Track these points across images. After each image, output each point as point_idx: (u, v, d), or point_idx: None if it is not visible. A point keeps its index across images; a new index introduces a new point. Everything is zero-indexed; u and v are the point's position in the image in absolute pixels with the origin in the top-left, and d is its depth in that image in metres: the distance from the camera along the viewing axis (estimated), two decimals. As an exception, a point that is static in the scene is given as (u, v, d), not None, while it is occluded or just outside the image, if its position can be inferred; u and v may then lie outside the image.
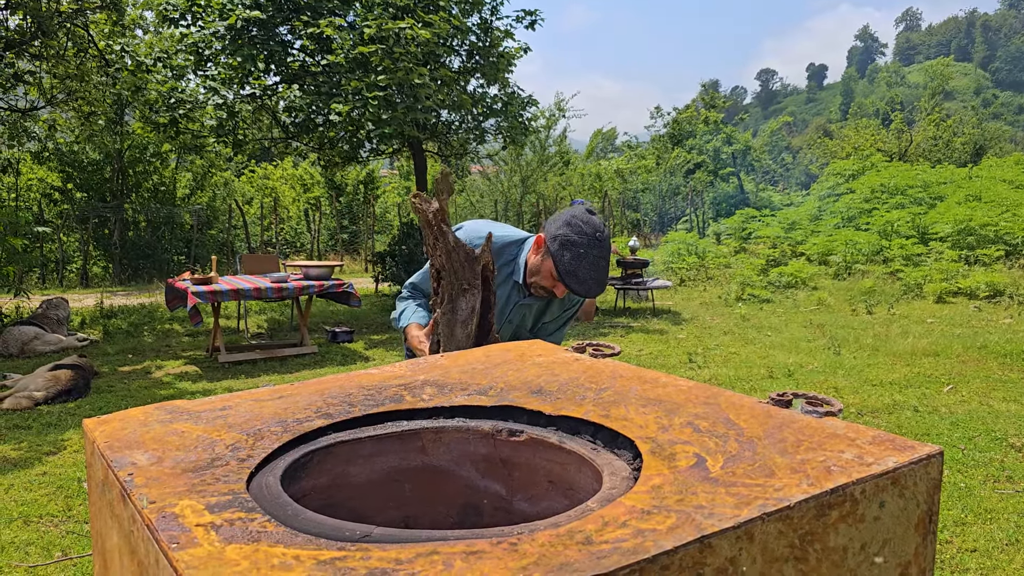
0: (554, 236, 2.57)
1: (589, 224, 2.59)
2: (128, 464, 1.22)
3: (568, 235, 2.57)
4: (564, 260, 2.54)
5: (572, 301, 2.94)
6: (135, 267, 19.17)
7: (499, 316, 2.88)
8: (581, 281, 2.55)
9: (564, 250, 2.54)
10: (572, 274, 2.54)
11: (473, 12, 13.18)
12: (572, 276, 2.54)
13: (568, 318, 2.97)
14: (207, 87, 12.31)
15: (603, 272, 2.60)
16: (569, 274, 2.54)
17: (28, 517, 4.26)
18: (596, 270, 2.57)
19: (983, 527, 3.85)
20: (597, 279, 2.57)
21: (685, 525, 0.94)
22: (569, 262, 2.54)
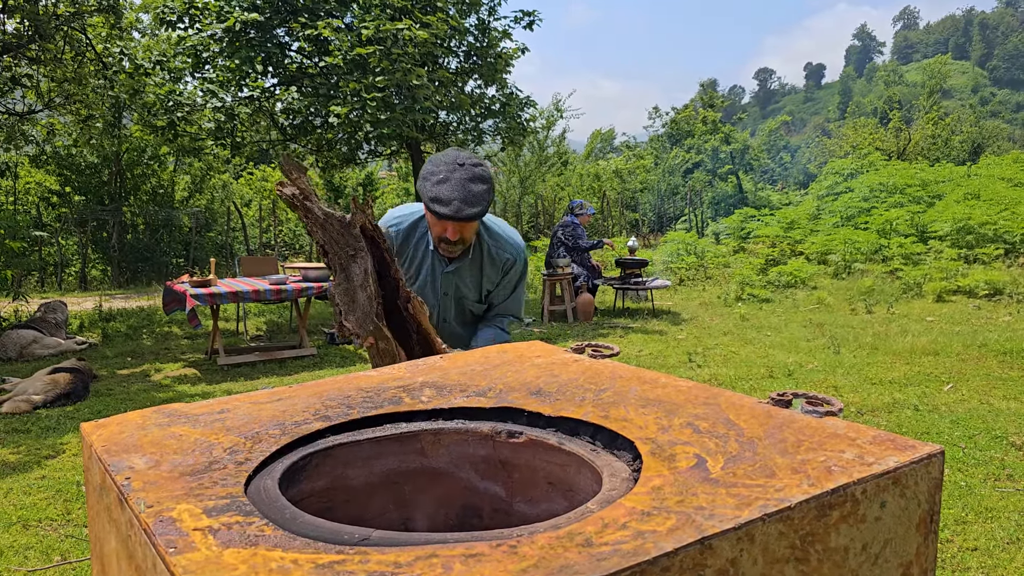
0: (420, 180, 2.62)
1: (447, 155, 2.65)
2: (125, 468, 1.22)
3: (426, 170, 2.62)
4: (427, 190, 2.58)
5: (502, 259, 2.89)
6: (134, 270, 19.17)
7: (432, 290, 2.88)
8: (445, 202, 2.54)
9: (425, 182, 2.58)
10: (436, 200, 2.55)
11: (471, 13, 13.19)
12: (436, 202, 2.55)
13: (515, 282, 2.95)
14: (205, 90, 12.32)
15: (470, 192, 2.57)
16: (433, 200, 2.55)
17: (27, 521, 4.25)
18: (461, 190, 2.56)
19: (984, 526, 3.85)
20: (462, 198, 2.55)
21: (685, 526, 0.94)
22: (431, 189, 2.57)
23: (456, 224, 2.61)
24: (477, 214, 2.59)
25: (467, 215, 2.56)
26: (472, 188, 2.58)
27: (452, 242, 2.68)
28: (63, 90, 11.93)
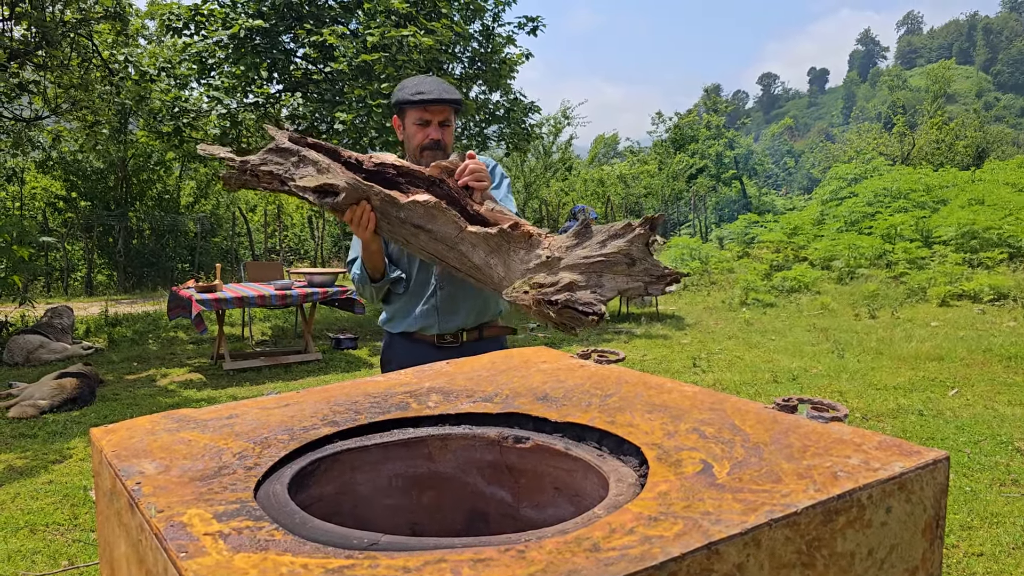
0: (394, 95, 2.80)
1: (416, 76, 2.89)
2: (136, 473, 1.23)
3: (399, 86, 2.83)
4: (405, 91, 2.74)
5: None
6: (139, 275, 19.21)
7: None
8: (425, 91, 2.70)
9: (401, 91, 2.76)
10: (416, 92, 2.71)
11: (475, 19, 13.21)
12: (417, 93, 2.70)
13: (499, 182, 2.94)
14: (210, 96, 12.35)
15: (447, 84, 2.78)
16: (415, 93, 2.70)
17: (34, 526, 4.26)
18: (437, 83, 2.75)
19: (989, 531, 3.84)
20: (441, 88, 2.73)
21: (692, 532, 0.95)
22: (408, 87, 2.75)
23: (437, 121, 2.73)
24: (458, 100, 2.75)
25: (448, 98, 2.71)
26: (446, 84, 2.78)
27: (435, 146, 2.73)
28: (70, 96, 11.97)
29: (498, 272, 2.11)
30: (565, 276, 1.92)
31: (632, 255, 1.89)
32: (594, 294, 1.90)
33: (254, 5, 11.86)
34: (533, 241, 2.03)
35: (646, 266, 1.91)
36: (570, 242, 1.97)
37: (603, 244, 1.92)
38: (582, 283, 1.90)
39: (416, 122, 2.73)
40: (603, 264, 1.90)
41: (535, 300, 1.91)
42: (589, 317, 1.86)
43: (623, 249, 1.90)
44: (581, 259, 1.91)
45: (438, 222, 2.15)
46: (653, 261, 1.93)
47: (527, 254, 2.03)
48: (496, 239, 2.06)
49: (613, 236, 1.92)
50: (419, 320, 2.83)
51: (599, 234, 1.95)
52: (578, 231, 1.98)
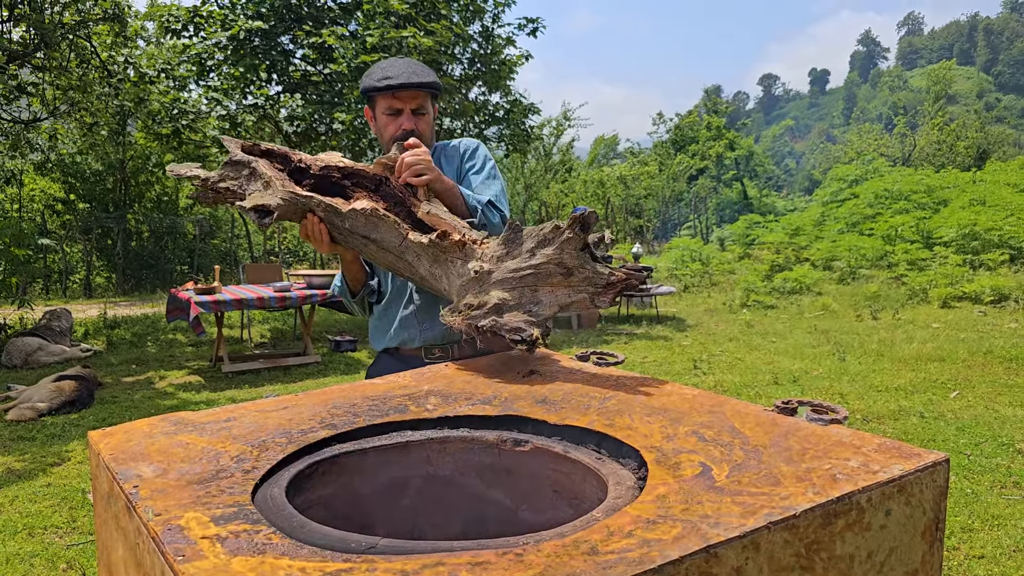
0: (362, 81, 2.52)
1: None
2: (133, 476, 1.23)
3: (367, 71, 2.54)
4: (372, 77, 2.47)
5: (460, 149, 2.66)
6: (138, 277, 19.21)
7: None
8: (393, 76, 2.43)
9: (368, 77, 2.48)
10: (383, 77, 2.43)
11: (475, 20, 13.21)
12: (384, 79, 2.43)
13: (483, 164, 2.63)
14: (209, 97, 12.35)
15: (418, 66, 2.49)
16: (381, 80, 2.43)
17: (33, 529, 4.26)
18: (407, 66, 2.48)
19: (990, 533, 3.84)
20: (411, 70, 2.45)
21: (691, 535, 0.94)
22: (375, 73, 2.48)
23: (409, 109, 2.46)
24: (430, 83, 2.45)
25: (419, 81, 2.42)
26: (418, 66, 2.50)
27: (408, 137, 2.39)
28: (68, 98, 11.98)
29: (444, 284, 1.93)
30: (494, 295, 1.72)
31: (566, 263, 1.65)
32: (528, 314, 1.68)
33: (253, 6, 11.87)
34: (467, 251, 1.83)
35: (586, 274, 1.66)
36: (500, 251, 1.76)
37: (532, 253, 1.69)
38: (512, 302, 1.70)
39: (386, 111, 2.47)
40: (535, 277, 1.68)
41: (466, 324, 1.74)
42: (518, 345, 1.66)
43: (554, 257, 1.67)
44: (510, 272, 1.70)
45: (380, 230, 2.00)
46: (595, 268, 1.67)
47: (462, 266, 1.84)
48: (432, 249, 1.89)
49: (542, 243, 1.69)
50: (399, 332, 2.56)
51: (529, 240, 1.73)
52: (507, 237, 1.75)
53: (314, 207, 2.04)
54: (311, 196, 2.04)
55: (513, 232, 1.74)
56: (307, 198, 2.04)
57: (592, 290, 1.65)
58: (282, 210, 2.02)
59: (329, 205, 2.03)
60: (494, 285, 1.71)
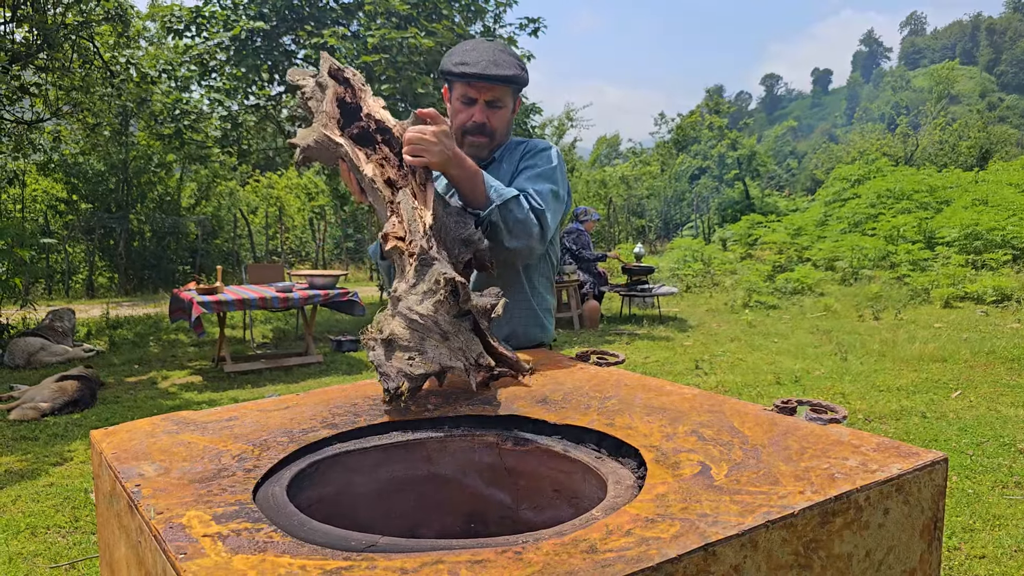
0: (443, 61, 2.36)
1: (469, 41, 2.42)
2: (135, 475, 1.23)
3: (451, 50, 2.37)
4: (451, 60, 2.31)
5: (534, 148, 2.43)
6: (140, 277, 19.23)
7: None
8: (471, 63, 2.26)
9: (449, 58, 2.32)
10: (461, 63, 2.27)
11: (476, 20, 13.23)
12: (461, 64, 2.27)
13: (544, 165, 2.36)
14: (211, 98, 12.37)
15: (499, 56, 2.30)
16: (459, 64, 2.27)
17: (35, 528, 4.27)
18: (489, 54, 2.29)
19: (992, 533, 3.84)
20: (491, 59, 2.27)
21: (689, 533, 0.95)
22: (456, 55, 2.31)
23: (483, 100, 2.29)
24: (509, 78, 2.26)
25: (495, 74, 2.24)
26: (500, 55, 2.30)
27: (479, 130, 2.31)
28: (71, 98, 12.00)
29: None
30: (392, 326, 1.55)
31: (440, 326, 1.50)
32: (409, 362, 1.50)
33: (255, 7, 11.88)
34: (403, 263, 1.68)
35: (461, 346, 1.50)
36: (413, 280, 1.60)
37: (422, 298, 1.54)
38: (403, 342, 1.52)
39: (460, 99, 2.31)
40: (421, 326, 1.52)
41: (364, 343, 1.61)
42: (384, 392, 1.52)
43: (429, 314, 1.51)
44: (408, 309, 1.54)
45: (376, 199, 1.89)
46: (469, 340, 1.51)
47: (398, 278, 1.69)
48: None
49: (429, 293, 1.54)
50: None
51: (426, 282, 1.56)
52: (417, 269, 1.58)
53: (342, 155, 1.96)
54: (340, 143, 1.94)
55: (421, 265, 1.58)
56: (336, 145, 1.95)
57: (465, 363, 1.50)
58: (312, 152, 1.96)
59: (352, 158, 1.93)
60: (398, 315, 1.56)
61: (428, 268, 1.58)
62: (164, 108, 12.69)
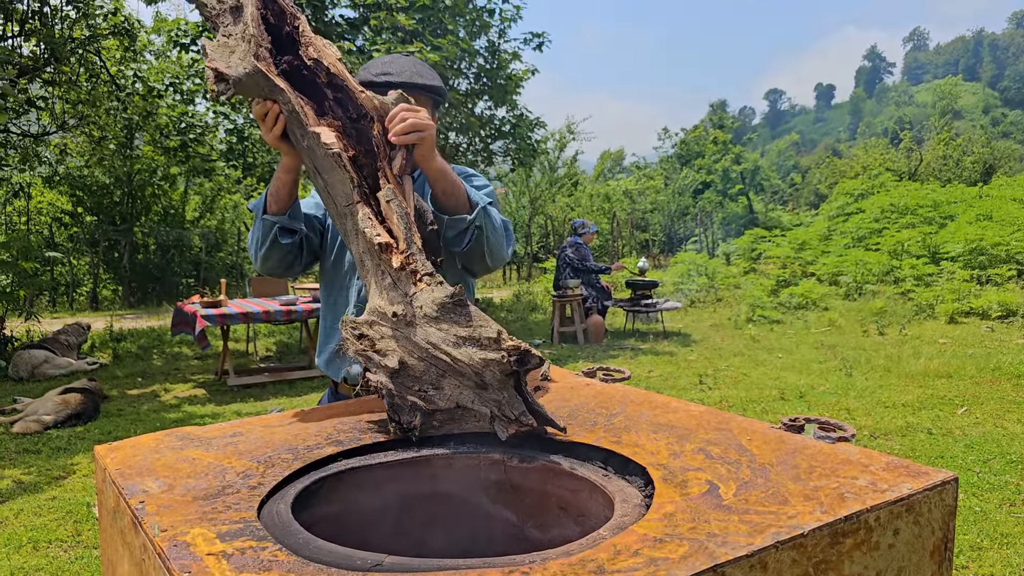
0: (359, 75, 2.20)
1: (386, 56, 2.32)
2: (140, 492, 1.22)
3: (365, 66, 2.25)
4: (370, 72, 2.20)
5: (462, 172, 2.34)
6: (144, 290, 19.25)
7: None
8: (395, 73, 2.17)
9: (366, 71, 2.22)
10: (383, 73, 2.18)
11: (481, 35, 13.27)
12: (384, 74, 2.17)
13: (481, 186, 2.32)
14: (216, 111, 12.41)
15: (422, 67, 2.24)
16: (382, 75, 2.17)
17: (37, 542, 4.25)
18: (410, 64, 2.23)
19: (1000, 552, 3.81)
20: (413, 70, 2.21)
21: (698, 554, 0.94)
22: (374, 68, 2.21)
23: None
24: (434, 88, 2.20)
25: (421, 83, 2.16)
26: (422, 68, 2.24)
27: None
28: (77, 112, 12.05)
29: (368, 281, 1.64)
30: (399, 352, 1.46)
31: (484, 379, 1.41)
32: (422, 397, 1.45)
33: (261, 22, 11.93)
34: (401, 276, 1.54)
35: (500, 399, 1.42)
36: (431, 310, 1.46)
37: (461, 341, 1.42)
38: (414, 372, 1.46)
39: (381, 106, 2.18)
40: (449, 366, 1.43)
41: (357, 353, 1.52)
42: (391, 425, 1.49)
43: (475, 365, 1.40)
44: (428, 342, 1.44)
45: (334, 175, 1.68)
46: (511, 397, 1.42)
47: (390, 289, 1.55)
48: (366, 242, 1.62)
49: (473, 340, 1.41)
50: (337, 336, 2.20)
51: (463, 324, 1.44)
52: (445, 303, 1.45)
53: (280, 103, 1.74)
54: (283, 88, 1.71)
55: (455, 303, 1.44)
56: (278, 89, 1.72)
57: (497, 413, 1.42)
58: (241, 87, 1.69)
59: (296, 111, 1.71)
60: (405, 341, 1.46)
61: (462, 308, 1.44)
62: (170, 121, 12.74)
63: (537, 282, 20.39)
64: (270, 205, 2.09)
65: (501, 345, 1.39)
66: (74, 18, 10.81)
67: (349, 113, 1.78)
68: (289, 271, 2.26)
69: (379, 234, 1.58)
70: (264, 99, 1.75)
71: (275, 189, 2.07)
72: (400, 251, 1.56)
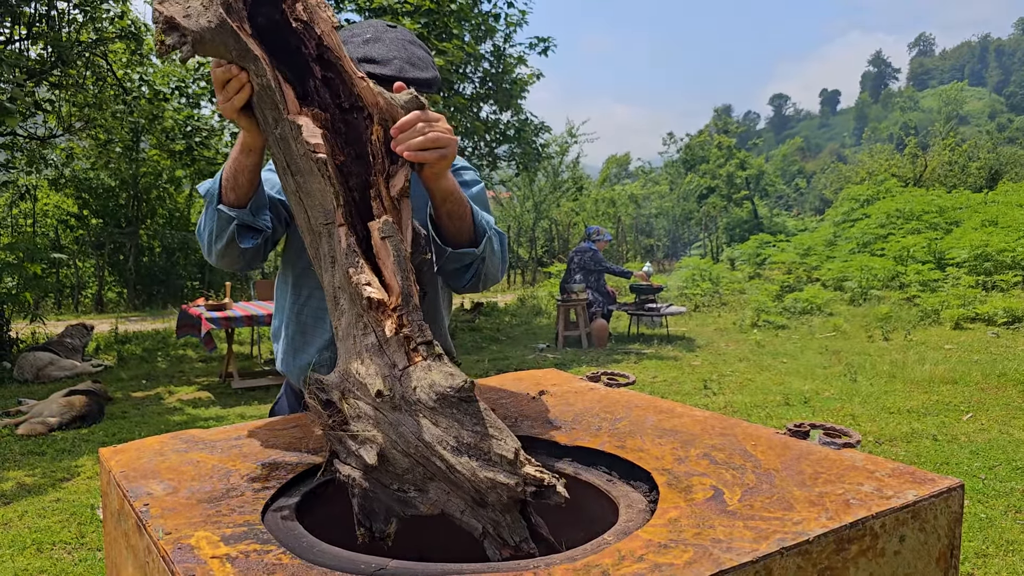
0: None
1: (371, 21, 1.96)
2: (144, 494, 1.22)
3: (346, 33, 1.88)
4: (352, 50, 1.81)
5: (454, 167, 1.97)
6: (149, 292, 19.31)
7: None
8: (382, 62, 1.81)
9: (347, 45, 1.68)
10: (367, 59, 1.81)
11: (486, 39, 13.29)
12: (367, 62, 1.80)
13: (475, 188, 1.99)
14: (222, 115, 12.43)
15: (412, 54, 1.87)
16: (364, 61, 1.80)
17: (41, 544, 4.26)
18: (400, 50, 1.86)
19: (1005, 559, 3.80)
20: (404, 57, 1.84)
21: (703, 559, 0.93)
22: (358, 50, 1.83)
23: None
24: (427, 80, 1.85)
25: (414, 77, 1.81)
26: (414, 50, 1.89)
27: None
28: (83, 115, 12.08)
29: (336, 322, 1.33)
30: (379, 441, 1.18)
31: (485, 497, 1.12)
32: (399, 500, 1.20)
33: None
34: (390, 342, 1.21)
35: (497, 520, 1.14)
36: (428, 398, 1.15)
37: (463, 448, 1.12)
38: (395, 468, 1.18)
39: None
40: (443, 473, 1.14)
41: (324, 430, 1.25)
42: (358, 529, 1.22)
43: (477, 482, 1.11)
44: (419, 439, 1.15)
45: (312, 183, 1.33)
46: (515, 525, 1.13)
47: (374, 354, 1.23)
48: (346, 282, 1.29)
49: (480, 453, 1.12)
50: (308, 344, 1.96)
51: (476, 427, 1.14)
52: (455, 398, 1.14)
53: (251, 72, 1.35)
54: (259, 55, 1.33)
55: (462, 400, 1.14)
56: (251, 55, 1.33)
57: (492, 532, 1.14)
58: (201, 46, 1.31)
59: (272, 88, 1.34)
60: (388, 428, 1.17)
61: (470, 405, 1.14)
62: (175, 124, 12.76)
63: (542, 286, 20.39)
64: (226, 193, 1.68)
65: (517, 469, 1.10)
66: (81, 22, 10.85)
67: (339, 100, 1.40)
68: (248, 268, 1.91)
69: (368, 284, 1.24)
70: (229, 63, 1.35)
71: (231, 173, 1.64)
72: (393, 310, 1.23)
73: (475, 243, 1.74)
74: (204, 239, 1.76)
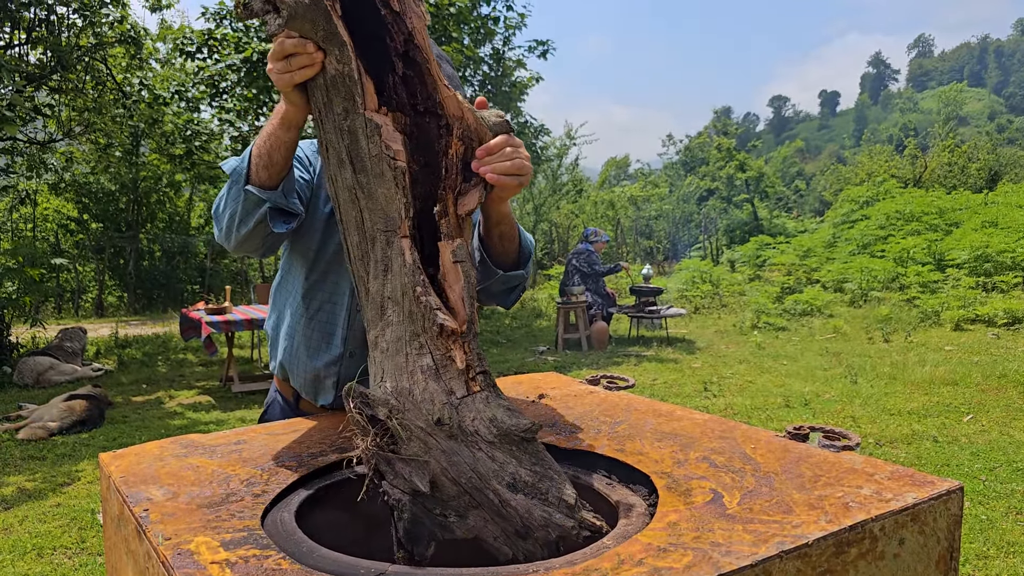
0: None
1: None
2: (144, 499, 1.22)
3: None
4: None
5: None
6: (150, 297, 19.32)
7: None
8: None
9: None
10: None
11: (486, 42, 13.31)
12: None
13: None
14: (222, 119, 12.44)
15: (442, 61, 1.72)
16: None
17: (42, 549, 4.26)
18: None
19: (1006, 560, 3.79)
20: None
21: (702, 563, 0.93)
22: None
23: None
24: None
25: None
26: (446, 68, 1.76)
27: None
28: (83, 119, 12.09)
29: (379, 333, 1.28)
30: (432, 467, 1.16)
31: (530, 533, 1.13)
32: (441, 524, 1.18)
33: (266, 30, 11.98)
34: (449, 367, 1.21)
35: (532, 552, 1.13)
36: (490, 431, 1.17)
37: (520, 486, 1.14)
38: (442, 495, 1.17)
39: None
40: (495, 507, 1.14)
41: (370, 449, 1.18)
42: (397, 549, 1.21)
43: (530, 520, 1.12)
44: (475, 471, 1.15)
45: (379, 186, 1.26)
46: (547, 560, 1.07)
47: (429, 376, 1.20)
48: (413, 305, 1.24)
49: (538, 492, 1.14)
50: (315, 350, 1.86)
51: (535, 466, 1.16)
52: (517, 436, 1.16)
53: (330, 56, 1.26)
54: (346, 42, 1.24)
55: (524, 440, 1.16)
56: (339, 40, 1.24)
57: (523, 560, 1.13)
58: (293, 21, 1.23)
59: (353, 79, 1.24)
60: (442, 456, 1.16)
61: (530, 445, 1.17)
62: (175, 129, 12.77)
63: (542, 289, 20.39)
64: (257, 172, 1.54)
65: (575, 513, 1.12)
66: (80, 26, 10.86)
67: (416, 102, 1.32)
68: (266, 255, 1.78)
69: (440, 309, 1.22)
70: (308, 43, 1.25)
71: (266, 149, 1.52)
72: (463, 338, 1.22)
73: (518, 264, 1.74)
74: (223, 222, 1.63)
